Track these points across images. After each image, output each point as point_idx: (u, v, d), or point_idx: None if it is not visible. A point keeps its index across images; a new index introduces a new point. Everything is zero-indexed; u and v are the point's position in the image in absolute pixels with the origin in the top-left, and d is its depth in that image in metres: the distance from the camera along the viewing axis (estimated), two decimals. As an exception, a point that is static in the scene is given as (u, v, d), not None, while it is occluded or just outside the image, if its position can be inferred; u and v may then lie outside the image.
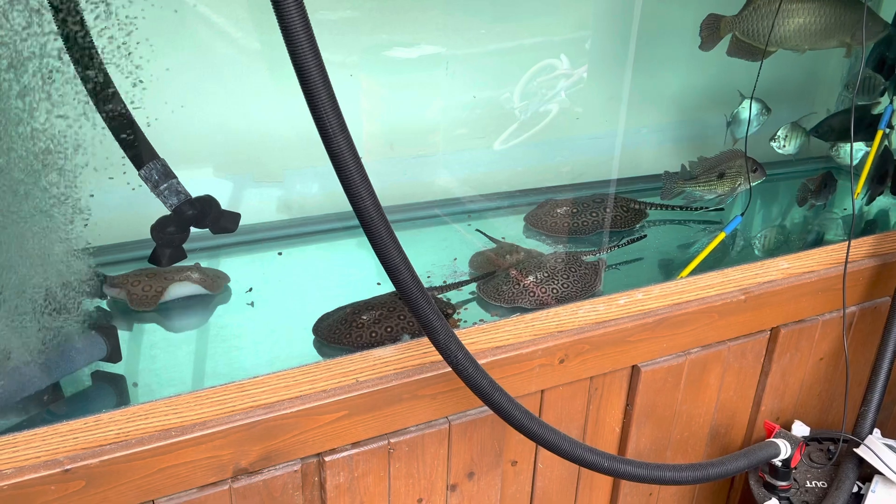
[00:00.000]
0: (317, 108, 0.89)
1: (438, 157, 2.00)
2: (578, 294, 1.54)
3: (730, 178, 1.82)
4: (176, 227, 1.17)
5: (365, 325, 1.33)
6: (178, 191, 1.16)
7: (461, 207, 1.95)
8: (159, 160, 1.15)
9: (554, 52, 2.01)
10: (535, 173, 2.16)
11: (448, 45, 1.88)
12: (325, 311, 1.43)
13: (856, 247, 1.67)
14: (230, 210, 1.28)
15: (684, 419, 1.59)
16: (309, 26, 0.86)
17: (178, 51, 1.55)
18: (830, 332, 1.68)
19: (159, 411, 1.08)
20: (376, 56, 1.82)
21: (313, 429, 1.17)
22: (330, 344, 1.34)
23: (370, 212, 0.97)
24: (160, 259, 1.19)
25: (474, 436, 1.33)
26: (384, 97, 1.87)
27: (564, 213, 1.80)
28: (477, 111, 1.98)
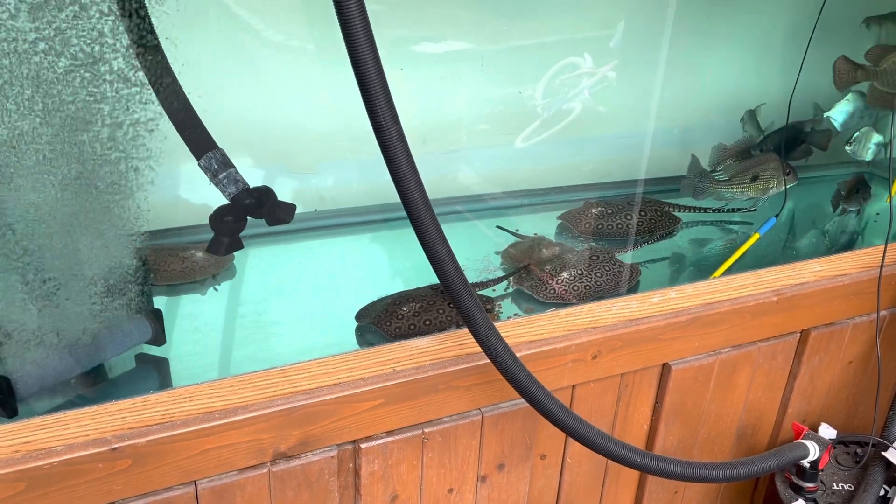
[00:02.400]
0: (370, 99, 0.91)
1: (463, 153, 2.01)
2: (612, 291, 1.55)
3: (763, 181, 1.82)
4: (234, 216, 1.19)
5: (405, 317, 1.35)
6: (237, 179, 1.18)
7: (483, 204, 1.96)
8: (218, 150, 1.17)
9: (579, 49, 2.01)
10: (560, 171, 2.16)
11: (473, 41, 1.89)
12: (361, 302, 1.44)
13: (889, 251, 1.67)
14: (286, 201, 1.30)
15: (712, 419, 1.59)
16: (366, 17, 0.87)
17: (214, 43, 1.57)
18: (860, 336, 1.68)
19: (203, 394, 1.10)
20: (404, 50, 1.83)
21: (350, 416, 1.18)
22: (373, 327, 1.36)
23: (418, 204, 0.98)
24: (219, 248, 1.21)
25: (506, 428, 1.35)
26: (415, 92, 1.89)
27: (599, 214, 1.81)
28: (500, 107, 1.99)
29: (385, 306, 1.38)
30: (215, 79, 1.61)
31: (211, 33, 1.56)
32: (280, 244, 1.70)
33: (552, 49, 1.98)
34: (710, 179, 1.86)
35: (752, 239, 1.66)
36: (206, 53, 1.57)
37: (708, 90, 2.21)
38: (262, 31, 1.63)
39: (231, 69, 1.63)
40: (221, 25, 1.58)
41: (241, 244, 1.23)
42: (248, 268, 1.59)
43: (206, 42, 1.56)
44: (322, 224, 1.77)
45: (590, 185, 2.15)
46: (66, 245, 1.00)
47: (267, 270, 1.59)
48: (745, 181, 1.87)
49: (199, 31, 1.54)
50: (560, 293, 1.51)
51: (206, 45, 1.56)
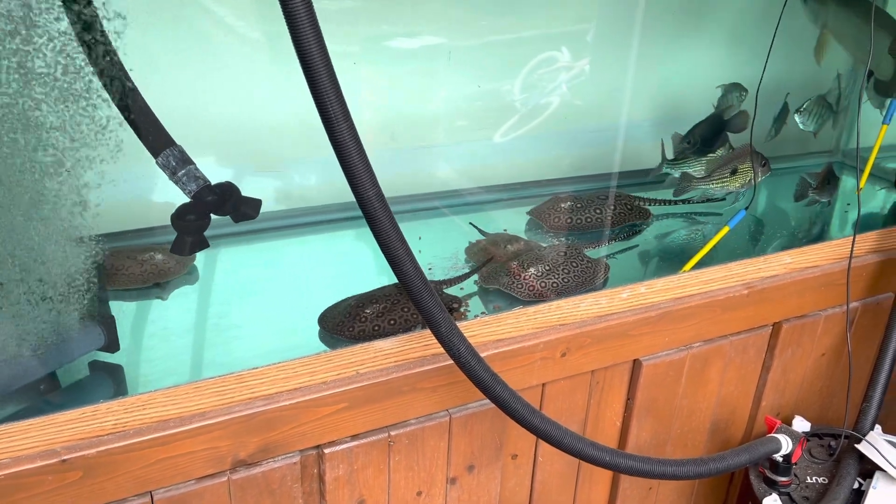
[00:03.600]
0: (319, 95, 0.88)
1: (439, 149, 1.99)
2: (579, 287, 1.53)
3: (742, 175, 1.81)
4: (196, 214, 1.15)
5: (368, 319, 1.32)
6: (197, 176, 1.14)
7: (460, 200, 1.94)
8: (176, 147, 1.13)
9: (555, 44, 1.99)
10: (536, 166, 2.14)
11: (449, 35, 1.86)
12: (325, 303, 1.41)
13: (859, 242, 1.66)
14: (251, 196, 1.26)
15: (685, 413, 1.58)
16: (312, 10, 0.84)
17: (175, 38, 1.54)
18: (832, 328, 1.67)
19: (157, 402, 1.07)
20: (377, 46, 1.80)
21: (312, 420, 1.15)
22: (334, 336, 1.33)
23: (373, 202, 0.96)
24: (182, 248, 1.17)
25: (475, 429, 1.32)
26: (385, 87, 1.86)
27: (569, 209, 1.79)
28: (477, 103, 1.97)
29: (348, 308, 1.35)
30: (176, 74, 1.57)
31: (171, 25, 1.53)
32: (245, 244, 1.67)
33: (530, 44, 1.96)
34: (671, 166, 1.86)
35: (722, 232, 1.65)
36: (166, 47, 1.54)
37: (681, 81, 2.19)
38: (227, 23, 1.59)
39: (193, 64, 1.59)
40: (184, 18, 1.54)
41: (207, 243, 1.20)
42: (211, 269, 1.56)
43: (166, 35, 1.52)
44: (289, 223, 1.74)
45: (566, 178, 2.14)
46: (7, 248, 0.96)
47: (231, 271, 1.55)
48: (725, 175, 1.86)
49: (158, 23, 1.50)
50: (528, 290, 1.49)
51: (165, 38, 1.52)
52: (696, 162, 1.93)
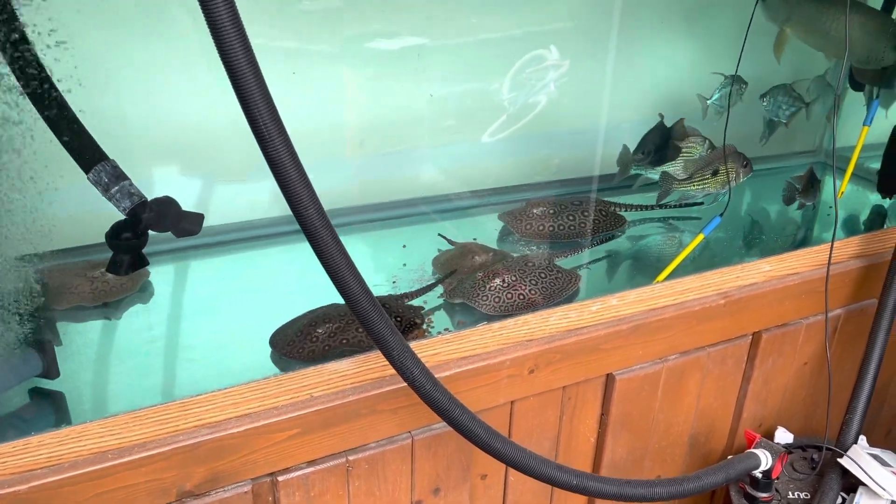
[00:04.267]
0: (251, 111, 0.82)
1: (418, 152, 1.93)
2: (549, 299, 1.47)
3: (723, 176, 1.75)
4: (132, 232, 1.09)
5: (319, 339, 1.26)
6: (132, 192, 1.08)
7: (434, 206, 1.88)
8: (108, 161, 1.07)
9: (541, 43, 1.94)
10: (514, 170, 2.09)
11: (433, 35, 1.81)
12: (285, 320, 1.36)
13: (841, 247, 1.61)
14: (192, 211, 1.20)
15: (662, 428, 1.53)
16: (238, 20, 0.78)
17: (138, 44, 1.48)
18: (815, 336, 1.62)
19: (93, 433, 1.01)
20: (358, 47, 1.75)
21: (264, 448, 1.10)
22: (285, 357, 1.27)
23: (314, 220, 0.90)
24: (119, 268, 1.11)
25: (439, 450, 1.27)
26: (364, 89, 1.80)
27: (541, 215, 1.73)
28: (467, 102, 1.91)
29: (300, 328, 1.29)
30: (134, 81, 1.52)
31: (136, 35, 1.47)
32: (204, 258, 1.61)
33: (518, 42, 1.91)
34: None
35: (697, 240, 1.59)
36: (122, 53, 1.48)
37: (661, 82, 2.14)
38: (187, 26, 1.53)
39: (152, 70, 1.53)
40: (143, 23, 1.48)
41: (146, 261, 1.14)
42: (167, 285, 1.50)
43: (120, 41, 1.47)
44: (251, 235, 1.68)
45: (544, 182, 2.09)
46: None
47: (189, 286, 1.49)
48: (707, 176, 1.81)
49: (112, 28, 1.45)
50: (493, 304, 1.44)
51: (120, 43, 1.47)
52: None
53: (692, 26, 2.11)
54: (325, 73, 1.73)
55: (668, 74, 2.14)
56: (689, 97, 1.99)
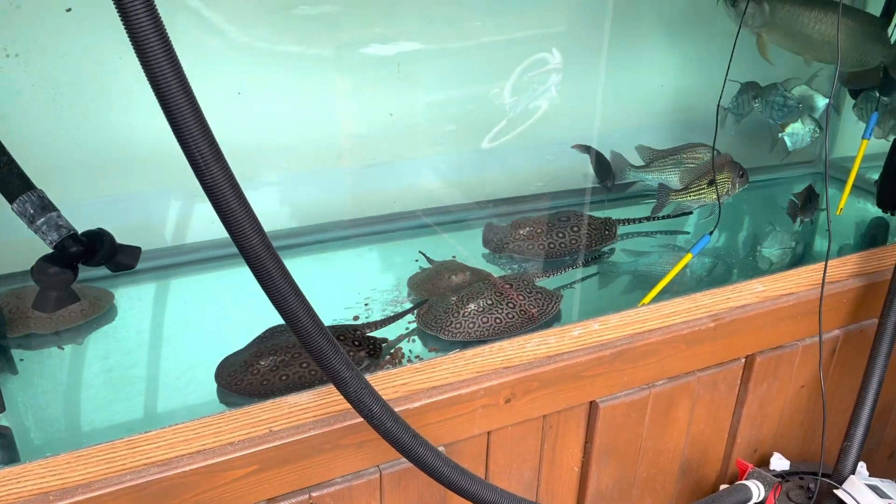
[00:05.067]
0: (183, 136, 0.76)
1: (390, 167, 1.87)
2: (528, 324, 1.40)
3: (720, 186, 1.68)
4: (60, 266, 1.03)
5: (260, 372, 1.20)
6: (59, 225, 1.02)
7: (414, 221, 1.82)
8: (35, 191, 1.02)
9: (540, 47, 1.88)
10: (501, 182, 2.03)
11: (431, 40, 1.75)
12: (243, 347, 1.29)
13: (839, 266, 1.54)
14: (128, 244, 1.15)
15: (651, 455, 1.46)
16: (165, 36, 0.72)
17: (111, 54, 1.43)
18: (812, 358, 1.55)
19: (34, 473, 0.95)
20: (352, 54, 1.70)
21: (219, 486, 1.04)
22: (225, 391, 1.21)
23: (257, 250, 0.84)
24: (45, 304, 1.05)
25: (410, 485, 1.20)
26: (354, 98, 1.75)
27: (528, 235, 1.66)
28: (469, 107, 1.86)
29: (245, 358, 1.22)
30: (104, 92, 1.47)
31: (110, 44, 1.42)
32: (181, 276, 1.55)
33: (520, 46, 1.86)
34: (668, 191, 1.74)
35: (685, 259, 1.52)
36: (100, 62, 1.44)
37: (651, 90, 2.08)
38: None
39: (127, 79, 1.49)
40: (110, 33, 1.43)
41: (76, 297, 1.08)
42: (133, 308, 1.44)
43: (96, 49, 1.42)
44: (222, 253, 1.62)
45: (532, 195, 2.03)
46: None
47: (153, 310, 1.44)
48: (703, 187, 1.74)
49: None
50: (466, 331, 1.37)
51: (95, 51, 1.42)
52: (663, 169, 1.80)
53: (682, 33, 2.04)
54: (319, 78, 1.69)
55: (661, 81, 2.08)
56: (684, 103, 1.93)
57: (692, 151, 1.74)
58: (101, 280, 1.42)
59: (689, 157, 1.74)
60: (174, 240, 1.66)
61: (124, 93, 1.50)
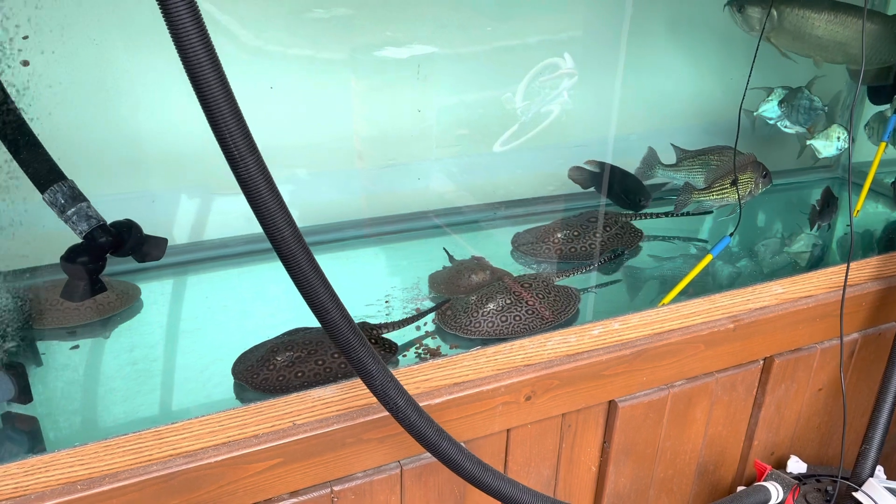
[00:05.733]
0: (220, 129, 0.77)
1: (411, 166, 1.88)
2: (548, 322, 1.41)
3: (742, 186, 1.68)
4: (89, 256, 1.05)
5: (276, 367, 1.21)
6: (89, 215, 1.04)
7: (430, 222, 1.83)
8: (66, 182, 1.03)
9: (552, 52, 1.89)
10: (522, 183, 2.04)
11: (443, 44, 1.76)
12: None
13: (858, 269, 1.54)
14: (155, 235, 1.16)
15: (668, 456, 1.46)
16: (207, 38, 0.74)
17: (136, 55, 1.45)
18: (830, 361, 1.55)
19: (62, 463, 0.97)
20: (366, 57, 1.71)
21: (243, 478, 1.05)
22: (238, 382, 1.22)
23: (289, 244, 0.85)
24: (73, 293, 1.06)
25: (430, 481, 1.21)
26: (368, 99, 1.76)
27: (564, 239, 1.68)
28: (479, 111, 1.87)
29: (263, 353, 1.23)
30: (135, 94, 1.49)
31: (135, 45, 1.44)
32: (201, 272, 1.57)
33: (532, 51, 1.86)
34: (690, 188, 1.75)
35: (705, 260, 1.52)
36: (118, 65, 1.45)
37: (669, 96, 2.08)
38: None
39: (151, 83, 1.50)
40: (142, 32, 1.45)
41: (104, 286, 1.09)
42: (159, 301, 1.45)
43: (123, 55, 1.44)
44: (246, 249, 1.64)
45: (551, 196, 2.03)
46: None
47: (176, 305, 1.45)
48: (726, 186, 1.74)
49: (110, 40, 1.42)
50: (485, 330, 1.38)
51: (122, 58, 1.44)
52: (691, 169, 1.80)
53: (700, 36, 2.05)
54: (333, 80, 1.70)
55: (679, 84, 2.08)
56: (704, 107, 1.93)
57: (719, 154, 1.74)
58: (126, 275, 1.43)
59: (717, 159, 1.74)
60: (193, 236, 1.67)
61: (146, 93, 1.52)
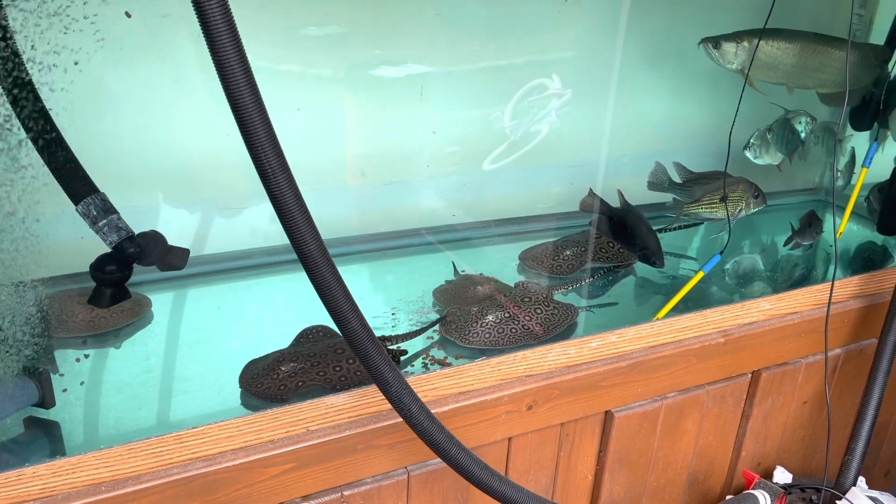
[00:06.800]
0: (254, 147, 0.83)
1: (421, 182, 1.94)
2: (545, 335, 1.47)
3: (732, 203, 1.76)
4: (117, 265, 1.09)
5: (279, 377, 1.25)
6: (119, 227, 1.09)
7: (435, 237, 1.89)
8: (98, 194, 1.08)
9: (545, 72, 1.96)
10: (518, 201, 2.10)
11: (437, 63, 1.82)
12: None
13: (841, 287, 1.61)
14: (178, 246, 1.21)
15: (661, 466, 1.51)
16: (246, 61, 0.79)
17: (141, 70, 1.49)
18: (814, 375, 1.61)
19: (88, 465, 1.00)
20: (362, 75, 1.76)
21: (259, 482, 1.09)
22: (241, 389, 1.26)
23: (315, 257, 0.90)
24: (101, 300, 1.11)
25: (435, 487, 1.26)
26: (368, 117, 1.81)
27: (573, 256, 1.76)
28: (468, 128, 1.93)
29: (269, 362, 1.28)
30: (139, 109, 1.53)
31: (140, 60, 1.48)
32: (203, 286, 1.61)
33: (521, 70, 1.93)
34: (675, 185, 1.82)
35: (696, 277, 1.59)
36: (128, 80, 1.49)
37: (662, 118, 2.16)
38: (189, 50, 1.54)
39: (155, 98, 1.55)
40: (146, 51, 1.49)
41: (128, 293, 1.14)
42: (168, 313, 1.49)
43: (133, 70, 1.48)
44: (252, 263, 1.68)
45: (547, 215, 2.09)
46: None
47: (185, 316, 1.49)
48: (714, 200, 1.80)
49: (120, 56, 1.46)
50: (484, 341, 1.43)
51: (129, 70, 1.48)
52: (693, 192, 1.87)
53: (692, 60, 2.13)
54: (328, 99, 1.75)
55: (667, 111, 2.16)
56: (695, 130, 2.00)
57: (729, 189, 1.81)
58: (137, 286, 1.47)
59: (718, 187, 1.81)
60: (198, 250, 1.71)
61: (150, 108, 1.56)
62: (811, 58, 1.75)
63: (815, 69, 1.76)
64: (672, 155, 2.13)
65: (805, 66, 1.75)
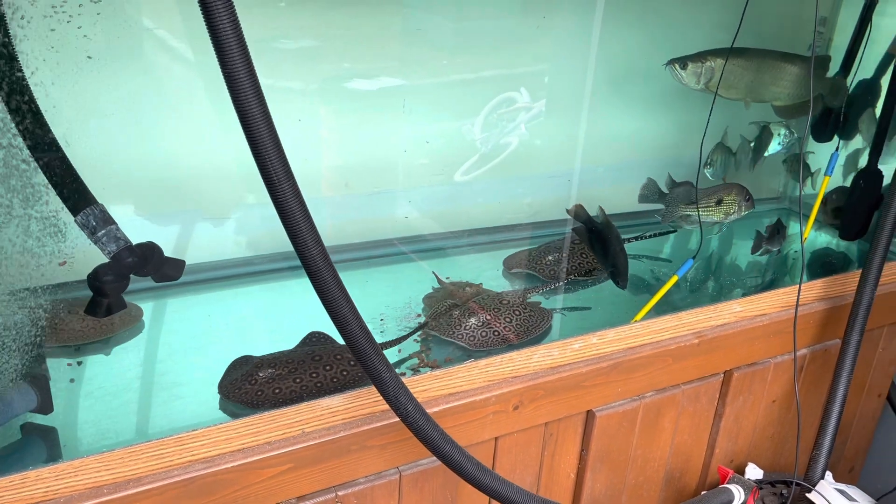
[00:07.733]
0: (261, 155, 0.86)
1: (397, 193, 1.98)
2: (521, 337, 1.53)
3: (726, 207, 1.83)
4: (115, 275, 1.12)
5: (257, 383, 1.29)
6: (118, 237, 1.11)
7: (416, 245, 1.93)
8: (97, 206, 1.10)
9: (514, 84, 2.01)
10: (495, 211, 2.15)
11: (409, 76, 1.87)
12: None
13: (806, 290, 1.69)
14: (174, 257, 1.23)
15: (639, 463, 1.57)
16: (252, 70, 0.83)
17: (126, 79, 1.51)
18: (782, 375, 1.69)
19: (90, 468, 1.02)
20: (336, 87, 1.80)
21: (256, 483, 1.12)
22: (219, 395, 1.29)
23: (317, 261, 0.94)
24: (98, 309, 1.13)
25: (425, 487, 1.29)
26: (343, 130, 1.85)
27: (556, 260, 1.82)
28: (441, 141, 1.97)
29: (249, 368, 1.31)
30: (124, 117, 1.54)
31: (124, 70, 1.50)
32: (194, 294, 1.63)
33: (489, 83, 1.98)
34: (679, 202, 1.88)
35: (671, 281, 1.66)
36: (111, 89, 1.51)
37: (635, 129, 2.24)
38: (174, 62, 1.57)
39: (140, 107, 1.56)
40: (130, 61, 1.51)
41: (124, 304, 1.16)
42: (158, 321, 1.51)
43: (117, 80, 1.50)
44: (238, 272, 1.70)
45: (525, 224, 2.15)
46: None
47: (179, 323, 1.51)
48: (710, 204, 1.86)
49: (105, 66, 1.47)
50: (467, 341, 1.49)
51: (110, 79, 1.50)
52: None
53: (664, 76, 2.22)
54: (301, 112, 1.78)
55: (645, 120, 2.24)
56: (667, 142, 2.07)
57: (727, 191, 1.89)
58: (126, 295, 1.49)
59: (729, 197, 1.88)
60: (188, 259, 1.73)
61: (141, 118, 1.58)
62: (766, 72, 1.85)
63: (770, 83, 1.87)
64: (644, 166, 2.21)
65: (760, 80, 1.85)
